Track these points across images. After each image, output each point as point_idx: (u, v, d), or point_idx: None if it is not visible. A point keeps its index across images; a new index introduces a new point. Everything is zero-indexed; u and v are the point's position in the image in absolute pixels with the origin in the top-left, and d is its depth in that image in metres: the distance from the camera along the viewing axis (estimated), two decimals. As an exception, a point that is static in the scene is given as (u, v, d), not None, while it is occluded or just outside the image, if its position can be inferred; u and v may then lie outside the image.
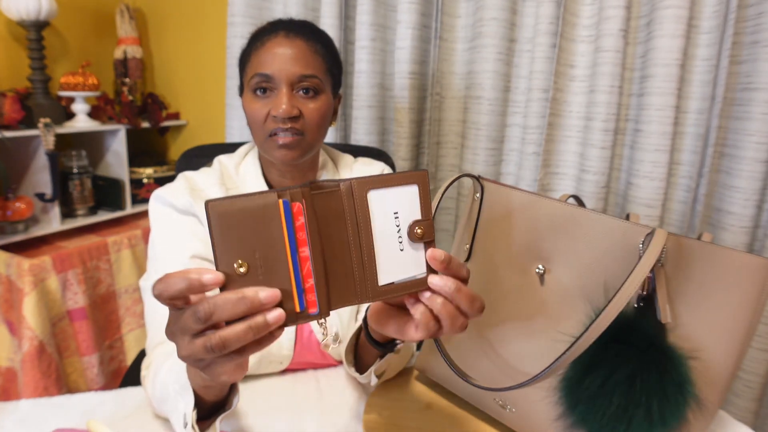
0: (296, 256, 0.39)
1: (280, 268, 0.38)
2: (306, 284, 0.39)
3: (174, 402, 0.54)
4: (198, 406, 0.52)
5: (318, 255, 0.40)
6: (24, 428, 0.62)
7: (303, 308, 0.39)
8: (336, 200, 0.41)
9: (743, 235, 1.16)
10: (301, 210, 0.39)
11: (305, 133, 0.72)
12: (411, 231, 0.43)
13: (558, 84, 1.22)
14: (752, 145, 1.12)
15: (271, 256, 0.38)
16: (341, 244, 0.42)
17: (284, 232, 0.38)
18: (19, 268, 1.26)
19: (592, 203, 1.24)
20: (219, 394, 0.53)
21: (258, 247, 0.37)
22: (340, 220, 0.42)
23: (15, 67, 1.50)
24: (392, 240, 0.43)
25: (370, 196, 0.42)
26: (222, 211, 0.36)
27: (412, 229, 0.43)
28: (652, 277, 0.53)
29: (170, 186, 0.76)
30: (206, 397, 0.52)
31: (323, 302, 0.40)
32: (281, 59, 0.70)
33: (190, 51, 1.81)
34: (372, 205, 0.42)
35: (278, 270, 0.38)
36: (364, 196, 0.42)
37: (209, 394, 0.52)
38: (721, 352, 0.52)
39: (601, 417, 0.52)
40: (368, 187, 0.42)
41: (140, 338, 1.55)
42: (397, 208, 0.43)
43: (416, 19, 1.23)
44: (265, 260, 0.38)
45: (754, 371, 1.21)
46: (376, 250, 0.42)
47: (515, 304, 0.63)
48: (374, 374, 0.65)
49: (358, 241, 0.42)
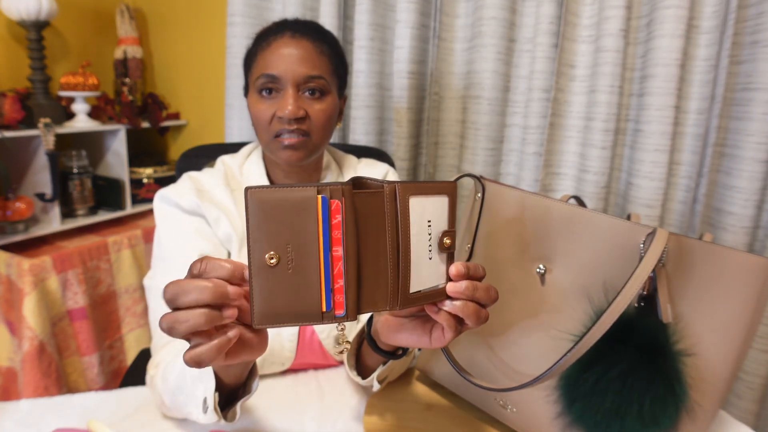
0: (329, 255, 0.38)
1: (311, 265, 0.37)
2: (336, 284, 0.38)
3: (191, 389, 0.55)
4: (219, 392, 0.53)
5: (352, 256, 0.39)
6: (24, 428, 0.62)
7: (330, 308, 0.38)
8: (378, 201, 0.40)
9: (743, 235, 1.16)
10: (339, 208, 0.38)
11: (311, 135, 0.72)
12: (441, 241, 0.43)
13: (559, 84, 1.22)
14: (752, 145, 1.12)
15: (303, 251, 0.37)
16: (378, 246, 0.40)
17: (319, 229, 0.37)
18: (19, 268, 1.26)
19: (593, 203, 1.24)
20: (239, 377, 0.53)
21: (291, 241, 0.37)
22: (380, 221, 0.41)
23: (15, 67, 1.50)
24: (424, 248, 0.42)
25: (412, 202, 0.41)
26: (261, 198, 0.36)
27: (442, 239, 0.43)
28: (653, 276, 0.53)
29: (175, 186, 0.76)
30: (226, 380, 0.52)
31: (351, 305, 0.39)
32: (287, 60, 0.70)
33: (190, 51, 1.81)
34: (412, 211, 0.42)
35: (309, 266, 0.37)
36: (406, 201, 0.41)
37: (229, 376, 0.52)
38: (721, 352, 0.52)
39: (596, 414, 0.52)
40: (410, 192, 0.41)
41: (140, 338, 1.55)
42: (430, 217, 0.43)
43: (415, 18, 1.23)
44: (297, 255, 0.37)
45: (755, 372, 1.21)
46: (413, 255, 0.42)
47: (516, 304, 0.62)
48: (376, 380, 0.65)
49: (397, 246, 0.41)
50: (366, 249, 0.40)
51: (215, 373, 0.52)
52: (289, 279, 0.37)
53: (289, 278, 0.37)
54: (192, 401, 0.55)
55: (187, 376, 0.56)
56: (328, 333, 0.76)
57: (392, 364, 0.63)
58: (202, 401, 0.53)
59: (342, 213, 0.38)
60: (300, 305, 0.37)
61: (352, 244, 0.39)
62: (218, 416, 0.53)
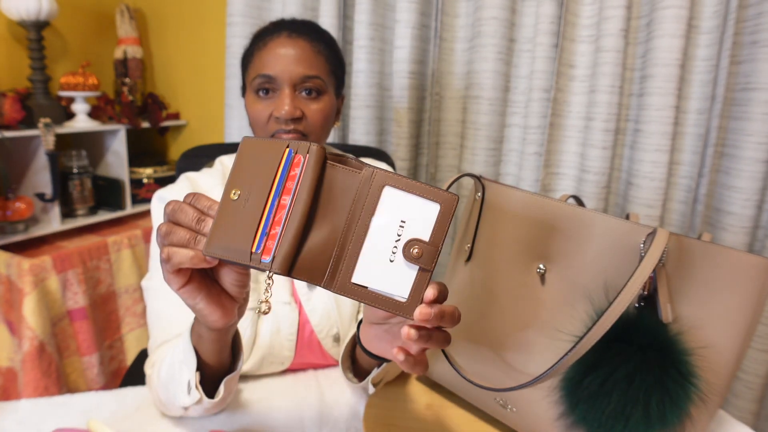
0: (276, 201, 0.39)
1: (257, 204, 0.39)
2: (271, 230, 0.39)
3: (179, 375, 0.56)
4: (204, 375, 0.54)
5: (298, 212, 0.39)
6: (24, 428, 0.62)
7: (258, 251, 0.38)
8: (351, 180, 0.40)
9: (743, 235, 1.16)
10: (299, 162, 0.39)
11: (308, 135, 0.72)
12: (407, 247, 0.38)
13: (559, 84, 1.22)
14: (752, 145, 1.12)
15: (258, 192, 0.39)
16: (334, 221, 0.40)
17: (276, 174, 0.40)
18: (19, 268, 1.26)
19: (593, 203, 1.24)
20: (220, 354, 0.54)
21: (254, 182, 0.40)
22: (345, 199, 0.40)
23: (15, 67, 1.50)
24: (386, 245, 0.39)
25: (386, 191, 0.39)
26: (249, 142, 0.41)
27: (410, 246, 0.38)
28: (653, 276, 0.53)
29: (173, 187, 0.76)
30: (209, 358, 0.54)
31: (281, 258, 0.38)
32: (284, 60, 0.69)
33: (190, 51, 1.81)
34: (383, 201, 0.39)
35: (256, 206, 0.39)
36: (379, 188, 0.39)
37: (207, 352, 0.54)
38: (721, 352, 0.52)
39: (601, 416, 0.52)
40: (388, 182, 0.39)
41: (140, 338, 1.55)
42: (406, 217, 0.39)
43: (415, 18, 1.23)
44: (252, 194, 0.40)
45: (754, 372, 1.22)
46: (365, 245, 0.39)
47: (516, 304, 0.62)
48: (371, 383, 0.65)
49: (352, 227, 0.39)
50: (323, 219, 0.40)
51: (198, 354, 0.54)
52: (240, 214, 0.39)
53: (240, 214, 0.39)
54: (180, 388, 0.56)
55: (175, 363, 0.57)
56: (327, 332, 0.76)
57: (387, 367, 0.63)
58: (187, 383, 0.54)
59: (301, 168, 0.39)
60: (237, 241, 0.39)
61: (303, 201, 0.39)
62: (200, 393, 0.55)
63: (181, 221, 0.42)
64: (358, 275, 0.39)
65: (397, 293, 0.39)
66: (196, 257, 0.40)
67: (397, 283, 0.39)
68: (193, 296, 0.44)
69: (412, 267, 0.39)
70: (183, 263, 0.41)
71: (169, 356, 0.60)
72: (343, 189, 0.40)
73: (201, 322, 0.50)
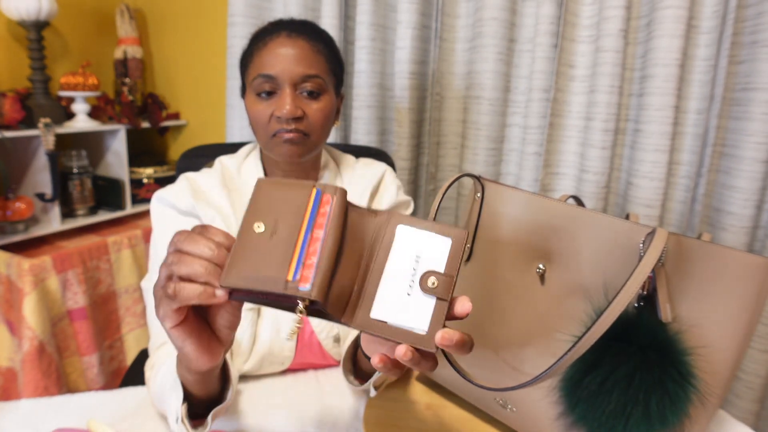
0: (309, 233, 0.40)
1: (290, 236, 0.39)
2: (308, 260, 0.39)
3: (168, 398, 0.54)
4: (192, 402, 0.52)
5: (330, 245, 0.39)
6: (24, 428, 0.62)
7: (295, 279, 0.38)
8: (369, 222, 0.43)
9: (743, 235, 1.16)
10: (329, 200, 0.41)
11: (309, 134, 0.72)
12: (424, 278, 0.40)
13: (559, 84, 1.22)
14: (751, 145, 1.12)
15: (287, 224, 0.40)
16: (354, 259, 0.41)
17: (307, 209, 0.40)
18: (19, 268, 1.26)
19: (593, 203, 1.24)
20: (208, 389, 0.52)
21: (280, 216, 0.40)
22: (364, 239, 0.42)
23: (15, 67, 1.50)
24: (403, 280, 0.41)
25: (399, 228, 0.42)
26: (266, 182, 0.42)
27: (426, 277, 0.40)
28: (652, 276, 0.53)
29: (172, 187, 0.76)
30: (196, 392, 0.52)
31: (319, 286, 0.38)
32: (284, 59, 0.70)
33: (190, 51, 1.81)
34: (398, 238, 0.42)
35: (288, 237, 0.39)
36: (393, 226, 0.42)
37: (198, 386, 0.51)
38: (720, 352, 0.52)
39: (600, 415, 0.52)
40: (402, 221, 0.42)
41: (140, 338, 1.55)
42: (421, 252, 0.41)
43: (416, 19, 1.23)
44: (281, 227, 0.40)
45: (754, 372, 1.22)
46: (383, 281, 0.41)
47: (516, 304, 0.63)
48: (373, 386, 0.65)
49: (370, 265, 0.41)
50: (345, 256, 0.41)
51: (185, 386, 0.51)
52: (267, 245, 0.39)
53: (268, 245, 0.39)
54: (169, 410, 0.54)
55: (166, 386, 0.55)
56: (327, 333, 0.76)
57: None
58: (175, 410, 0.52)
59: (331, 206, 0.41)
60: (268, 269, 0.38)
61: (333, 235, 0.40)
62: (186, 428, 0.52)
63: (191, 251, 0.39)
64: (377, 311, 0.40)
65: (417, 326, 0.39)
66: (205, 293, 0.38)
67: (416, 317, 0.39)
68: (183, 337, 0.41)
69: (429, 298, 0.40)
70: (191, 299, 0.38)
71: (162, 371, 0.59)
72: (362, 230, 0.42)
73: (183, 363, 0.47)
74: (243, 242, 0.39)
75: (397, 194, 0.85)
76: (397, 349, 0.38)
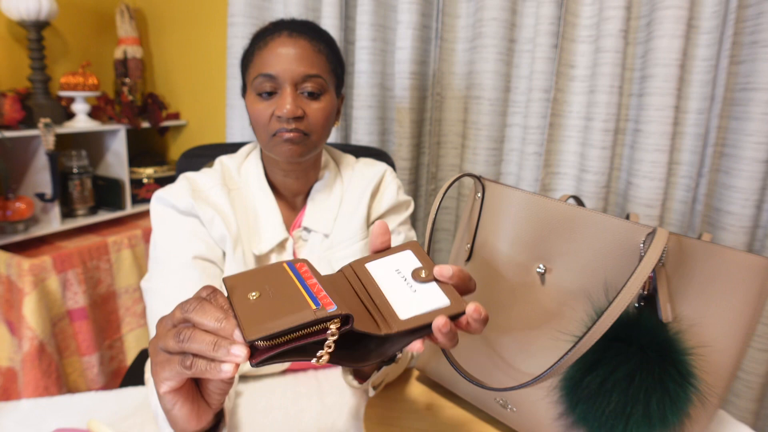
0: (304, 282, 0.42)
1: (289, 287, 0.41)
2: (318, 294, 0.40)
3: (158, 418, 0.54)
4: None
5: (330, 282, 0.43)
6: (24, 428, 0.62)
7: (318, 306, 0.38)
8: (340, 278, 0.47)
9: (743, 235, 1.16)
10: (303, 265, 0.44)
11: (310, 134, 0.72)
12: (415, 275, 0.46)
13: (559, 84, 1.22)
14: (751, 145, 1.12)
15: (279, 284, 0.41)
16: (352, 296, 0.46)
17: (290, 273, 0.43)
18: (19, 268, 1.26)
19: (593, 203, 1.24)
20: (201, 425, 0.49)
21: (266, 285, 0.41)
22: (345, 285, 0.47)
23: (15, 67, 1.50)
24: (402, 287, 0.46)
25: (369, 266, 0.48)
26: (232, 277, 0.43)
27: (416, 274, 0.46)
28: (653, 276, 0.53)
29: (171, 187, 0.76)
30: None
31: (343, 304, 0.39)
32: (285, 59, 0.70)
33: (190, 51, 1.81)
34: (372, 271, 0.47)
35: (288, 288, 0.41)
36: (363, 268, 0.48)
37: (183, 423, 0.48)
38: (720, 352, 0.52)
39: (601, 415, 0.52)
40: (364, 262, 0.48)
41: (140, 338, 1.55)
42: (397, 267, 0.47)
43: (417, 19, 1.23)
44: (275, 290, 0.41)
45: (754, 371, 1.22)
46: (387, 295, 0.45)
47: (516, 304, 0.63)
48: (372, 386, 0.65)
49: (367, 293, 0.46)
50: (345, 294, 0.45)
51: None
52: (272, 302, 0.39)
53: (273, 301, 0.39)
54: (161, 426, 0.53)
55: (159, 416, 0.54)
56: None
57: (386, 369, 0.63)
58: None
59: (308, 265, 0.44)
60: (288, 311, 0.38)
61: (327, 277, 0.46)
62: None
63: (204, 325, 0.38)
64: (403, 313, 0.44)
65: (441, 303, 0.44)
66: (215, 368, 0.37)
67: (434, 299, 0.44)
68: (175, 401, 0.40)
69: (430, 284, 0.45)
70: (205, 374, 0.37)
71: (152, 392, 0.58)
72: (339, 283, 0.47)
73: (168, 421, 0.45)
74: (245, 308, 0.38)
75: (397, 194, 0.85)
76: (436, 321, 0.42)
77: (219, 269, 0.74)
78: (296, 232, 0.79)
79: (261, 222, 0.76)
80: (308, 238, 0.79)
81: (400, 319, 0.43)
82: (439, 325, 0.41)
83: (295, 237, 0.79)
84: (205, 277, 0.71)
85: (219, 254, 0.74)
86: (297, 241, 0.79)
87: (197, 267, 0.71)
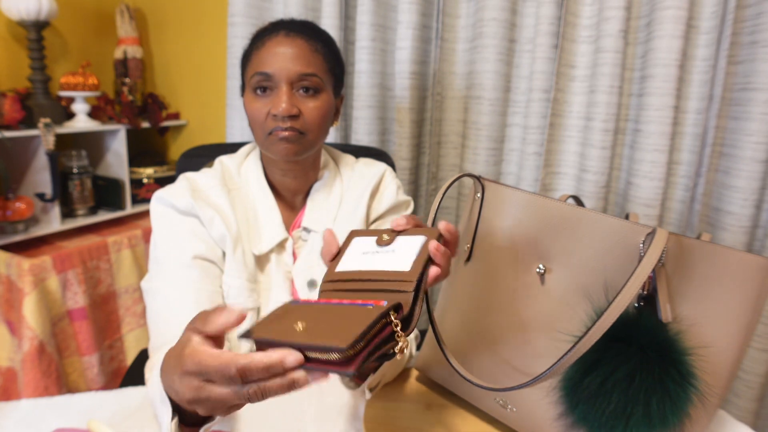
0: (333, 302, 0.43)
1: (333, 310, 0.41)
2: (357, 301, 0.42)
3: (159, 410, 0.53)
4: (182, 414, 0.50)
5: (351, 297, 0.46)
6: (24, 428, 0.62)
7: (372, 305, 0.40)
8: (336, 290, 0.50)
9: (742, 234, 1.16)
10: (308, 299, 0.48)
11: (306, 133, 0.72)
12: (381, 243, 0.50)
13: (559, 84, 1.22)
14: (751, 145, 1.12)
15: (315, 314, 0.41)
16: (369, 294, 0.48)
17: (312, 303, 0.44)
18: (19, 268, 1.26)
19: (593, 203, 1.24)
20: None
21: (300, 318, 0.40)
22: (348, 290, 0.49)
23: (15, 67, 1.50)
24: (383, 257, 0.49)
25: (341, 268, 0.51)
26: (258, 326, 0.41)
27: (381, 242, 0.50)
28: (653, 276, 0.53)
29: (171, 187, 0.76)
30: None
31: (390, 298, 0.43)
32: (281, 58, 0.70)
33: (190, 51, 1.81)
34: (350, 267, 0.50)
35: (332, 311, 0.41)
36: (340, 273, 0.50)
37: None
38: (720, 352, 0.52)
39: (601, 416, 0.52)
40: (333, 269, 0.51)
41: (140, 338, 1.55)
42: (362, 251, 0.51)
43: (417, 19, 1.23)
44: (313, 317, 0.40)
45: (754, 371, 1.22)
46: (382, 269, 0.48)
47: (516, 304, 0.63)
48: (368, 388, 0.64)
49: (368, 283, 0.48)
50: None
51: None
52: (328, 323, 0.39)
53: (327, 323, 0.39)
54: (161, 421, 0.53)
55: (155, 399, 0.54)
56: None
57: (383, 369, 0.63)
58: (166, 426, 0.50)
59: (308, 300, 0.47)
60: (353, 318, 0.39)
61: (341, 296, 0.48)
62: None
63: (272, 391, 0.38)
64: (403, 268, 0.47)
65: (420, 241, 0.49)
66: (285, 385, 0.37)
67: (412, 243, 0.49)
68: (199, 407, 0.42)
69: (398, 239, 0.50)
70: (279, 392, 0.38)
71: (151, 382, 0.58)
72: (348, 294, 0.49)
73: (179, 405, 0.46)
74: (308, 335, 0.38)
75: (396, 194, 0.85)
76: (429, 247, 0.48)
77: (219, 269, 0.74)
78: (296, 232, 0.79)
79: (261, 222, 0.76)
80: (308, 238, 0.79)
81: (408, 272, 0.46)
82: (433, 248, 0.47)
83: (295, 237, 0.79)
84: (205, 277, 0.71)
85: (219, 254, 0.74)
86: (296, 241, 0.79)
87: (197, 267, 0.71)
